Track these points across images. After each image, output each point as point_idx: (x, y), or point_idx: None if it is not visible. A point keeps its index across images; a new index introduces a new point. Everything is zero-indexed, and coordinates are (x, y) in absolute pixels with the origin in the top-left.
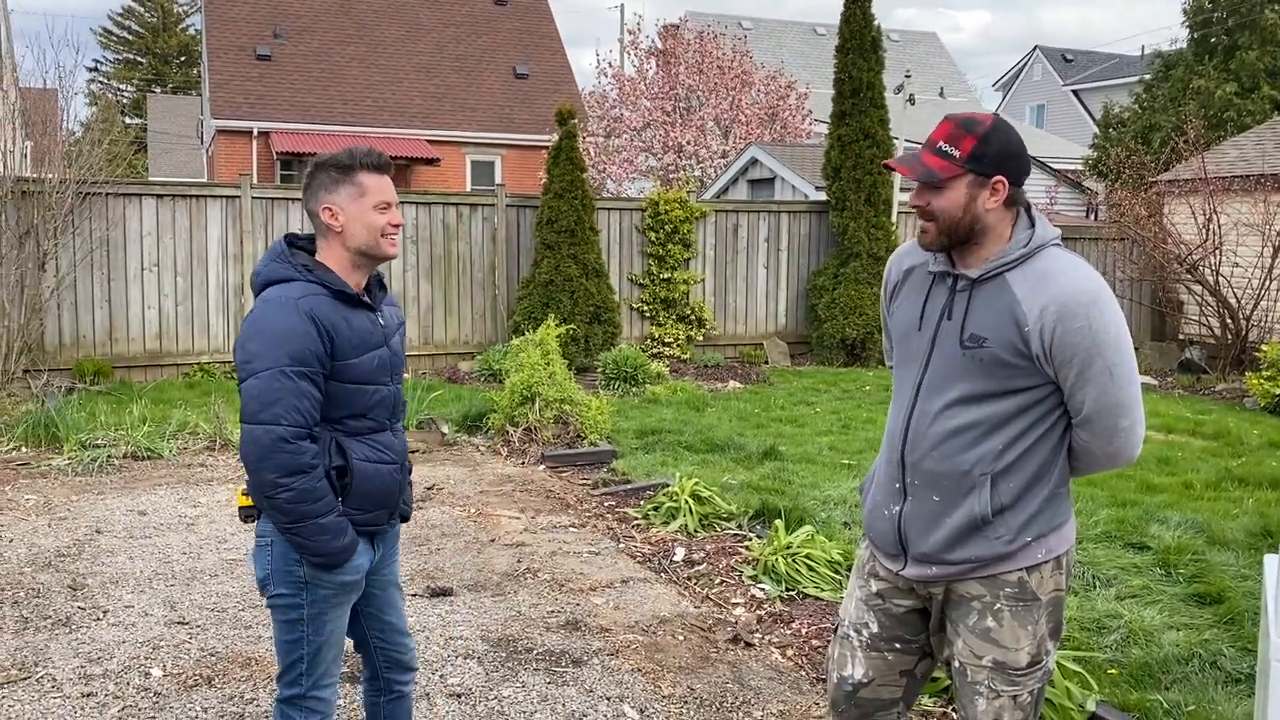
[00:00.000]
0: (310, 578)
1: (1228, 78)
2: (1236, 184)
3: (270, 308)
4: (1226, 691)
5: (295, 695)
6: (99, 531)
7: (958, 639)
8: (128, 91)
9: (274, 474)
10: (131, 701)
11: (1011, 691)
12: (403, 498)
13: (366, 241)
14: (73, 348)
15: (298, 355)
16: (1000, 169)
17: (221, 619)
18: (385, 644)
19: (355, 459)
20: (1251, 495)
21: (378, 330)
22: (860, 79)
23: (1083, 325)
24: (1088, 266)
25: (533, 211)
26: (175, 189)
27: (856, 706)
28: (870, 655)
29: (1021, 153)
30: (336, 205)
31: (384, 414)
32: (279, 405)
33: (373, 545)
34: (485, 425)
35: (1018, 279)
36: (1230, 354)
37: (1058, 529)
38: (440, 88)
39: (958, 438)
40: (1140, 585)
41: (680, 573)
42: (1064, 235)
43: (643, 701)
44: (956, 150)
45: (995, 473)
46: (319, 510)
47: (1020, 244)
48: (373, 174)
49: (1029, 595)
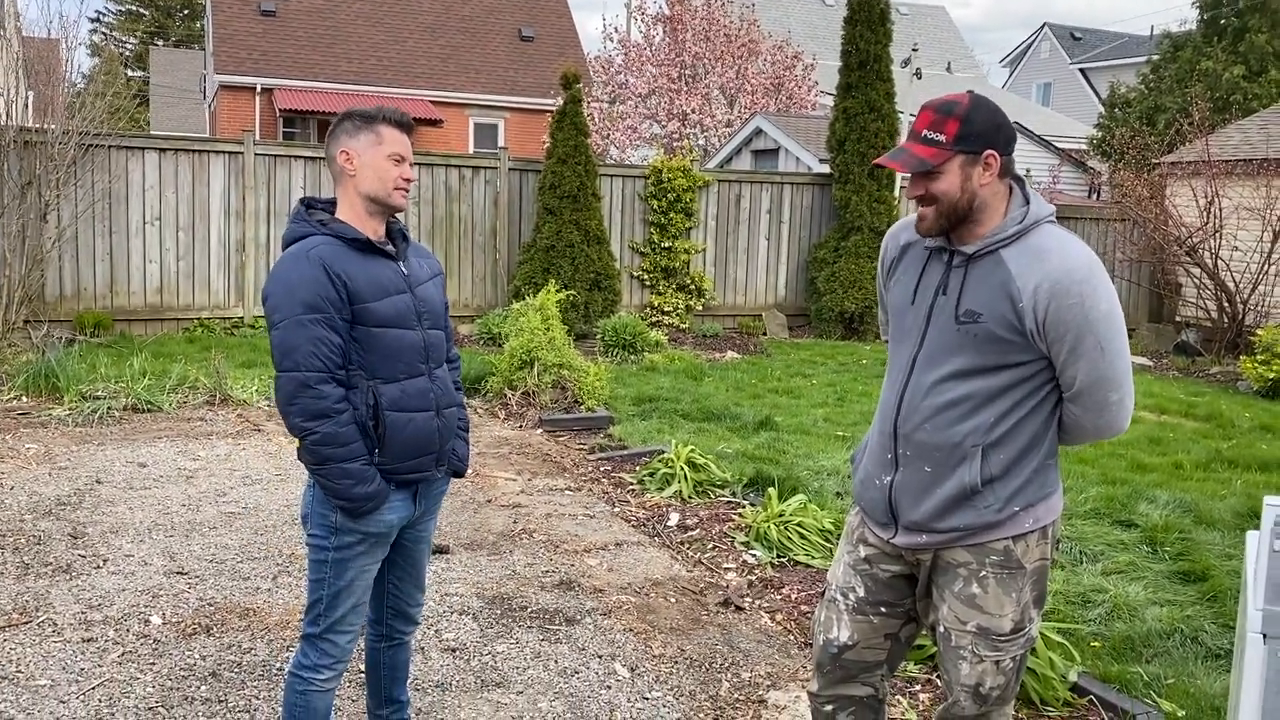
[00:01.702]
0: (340, 524)
1: (1236, 60)
2: (1239, 168)
3: (284, 261)
4: (1206, 666)
5: (313, 634)
6: (99, 481)
7: (943, 604)
8: (130, 44)
9: (299, 418)
10: (131, 647)
11: (994, 656)
12: (447, 445)
13: (376, 189)
14: (73, 299)
15: (311, 303)
16: (989, 143)
17: (220, 570)
18: (399, 593)
19: (385, 408)
20: (1240, 477)
21: (399, 277)
22: (868, 51)
23: (1075, 302)
24: (1081, 243)
25: (535, 176)
26: (178, 143)
27: (841, 668)
28: (856, 618)
29: (1004, 122)
30: (353, 150)
31: (416, 359)
32: (298, 353)
33: (415, 500)
34: (484, 388)
35: (1013, 255)
36: (1226, 337)
37: (1045, 499)
38: (445, 48)
39: (951, 410)
40: (1126, 561)
41: (674, 537)
42: (1066, 215)
43: (634, 660)
44: (942, 135)
45: (987, 444)
46: (342, 455)
47: (1015, 220)
48: (393, 128)
49: (1014, 563)
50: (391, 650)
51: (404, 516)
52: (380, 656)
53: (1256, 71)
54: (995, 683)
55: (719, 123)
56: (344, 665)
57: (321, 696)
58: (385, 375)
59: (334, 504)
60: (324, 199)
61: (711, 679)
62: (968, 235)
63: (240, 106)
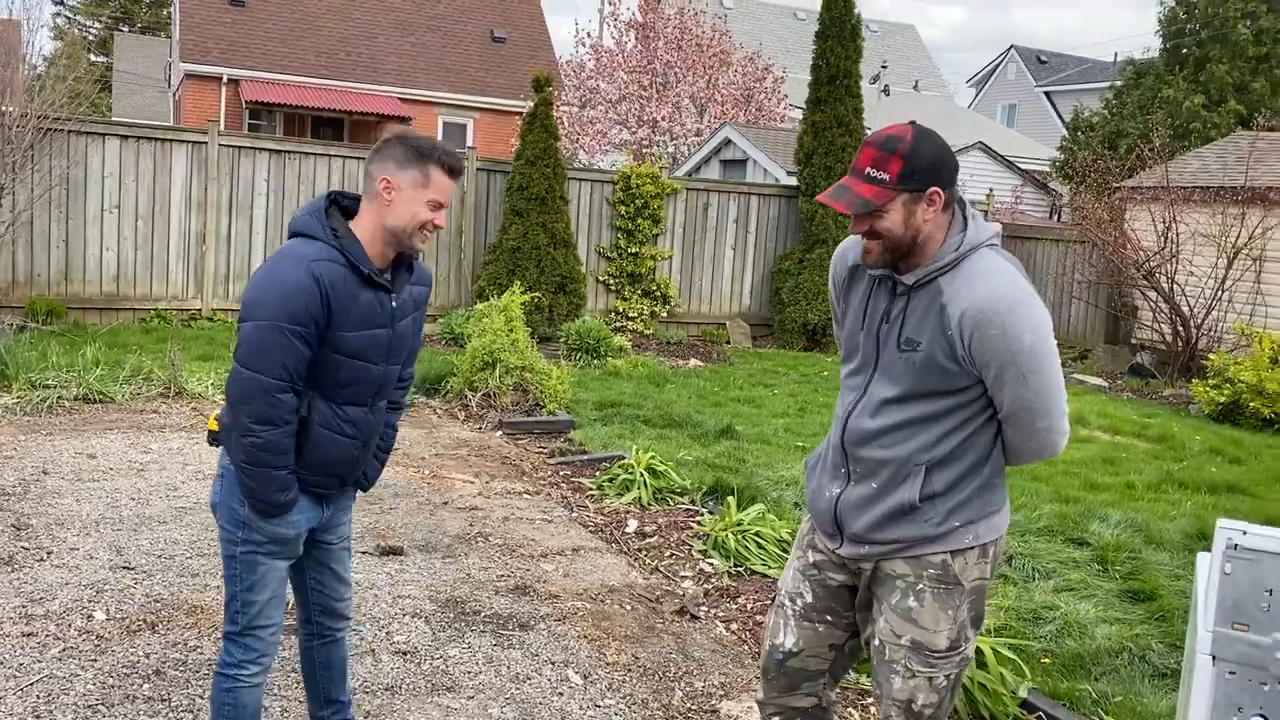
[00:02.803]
0: (248, 519)
1: (1196, 89)
2: (1197, 195)
3: (285, 261)
4: (1153, 685)
5: (234, 631)
6: (45, 472)
7: (880, 617)
8: (94, 29)
9: (250, 419)
10: (73, 643)
11: (928, 673)
12: (360, 471)
13: (404, 227)
14: (26, 286)
15: (297, 315)
16: (932, 180)
17: (169, 566)
18: (322, 589)
19: (316, 422)
20: (1190, 498)
21: (385, 312)
22: (838, 66)
23: (997, 333)
24: (1011, 271)
25: (503, 177)
26: (140, 130)
27: (785, 675)
28: (802, 625)
29: (948, 158)
30: (396, 182)
31: (365, 392)
32: (268, 358)
33: (321, 505)
34: (444, 388)
35: (949, 283)
36: (1180, 361)
37: (988, 517)
38: (415, 46)
39: (898, 431)
40: (1078, 579)
41: (631, 544)
42: (1027, 235)
43: (587, 667)
44: (885, 173)
45: (932, 462)
46: (277, 463)
47: (952, 248)
48: (444, 173)
49: (952, 579)
50: (326, 648)
51: (313, 519)
52: (315, 655)
53: (1216, 101)
54: (928, 700)
55: (688, 131)
56: (269, 659)
57: (250, 692)
58: (327, 395)
59: (244, 500)
60: (351, 194)
61: (665, 688)
62: (910, 265)
63: (205, 96)
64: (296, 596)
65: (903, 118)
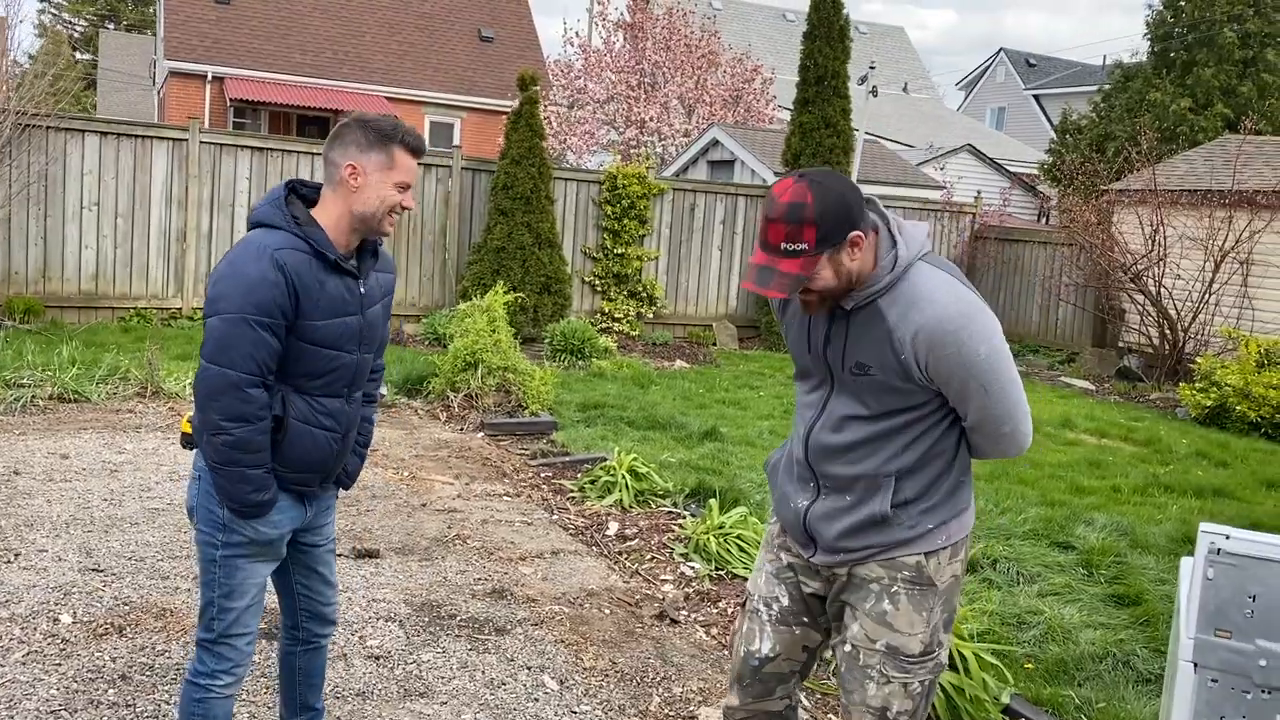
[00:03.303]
0: (227, 521)
1: (1183, 93)
2: (1184, 198)
3: (247, 251)
4: (1137, 690)
5: (208, 639)
6: (16, 473)
7: (854, 622)
8: (79, 26)
9: (219, 415)
10: (37, 647)
11: (903, 679)
12: (340, 466)
13: (373, 212)
14: (4, 284)
15: (263, 305)
16: (849, 226)
17: (139, 568)
18: (309, 594)
19: (292, 417)
20: (1176, 502)
21: (354, 299)
22: (825, 67)
23: (952, 351)
24: (953, 284)
25: (488, 176)
26: (120, 127)
27: (761, 682)
28: (779, 629)
29: (852, 195)
30: (362, 167)
31: (340, 382)
32: (235, 351)
33: (304, 504)
34: (426, 389)
35: (889, 304)
36: (1167, 364)
37: (958, 516)
38: (403, 45)
39: (864, 446)
40: (1062, 583)
41: (612, 547)
42: (1015, 238)
43: (563, 673)
44: (801, 244)
45: (901, 471)
46: (249, 461)
47: (886, 269)
48: (408, 154)
49: (925, 580)
50: (308, 654)
51: (295, 519)
52: (295, 661)
53: (1203, 105)
54: (903, 707)
55: (676, 132)
56: (243, 670)
57: (221, 704)
58: (300, 388)
59: (225, 504)
60: (311, 184)
61: (642, 693)
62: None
63: (190, 94)
64: (282, 603)
65: (893, 119)
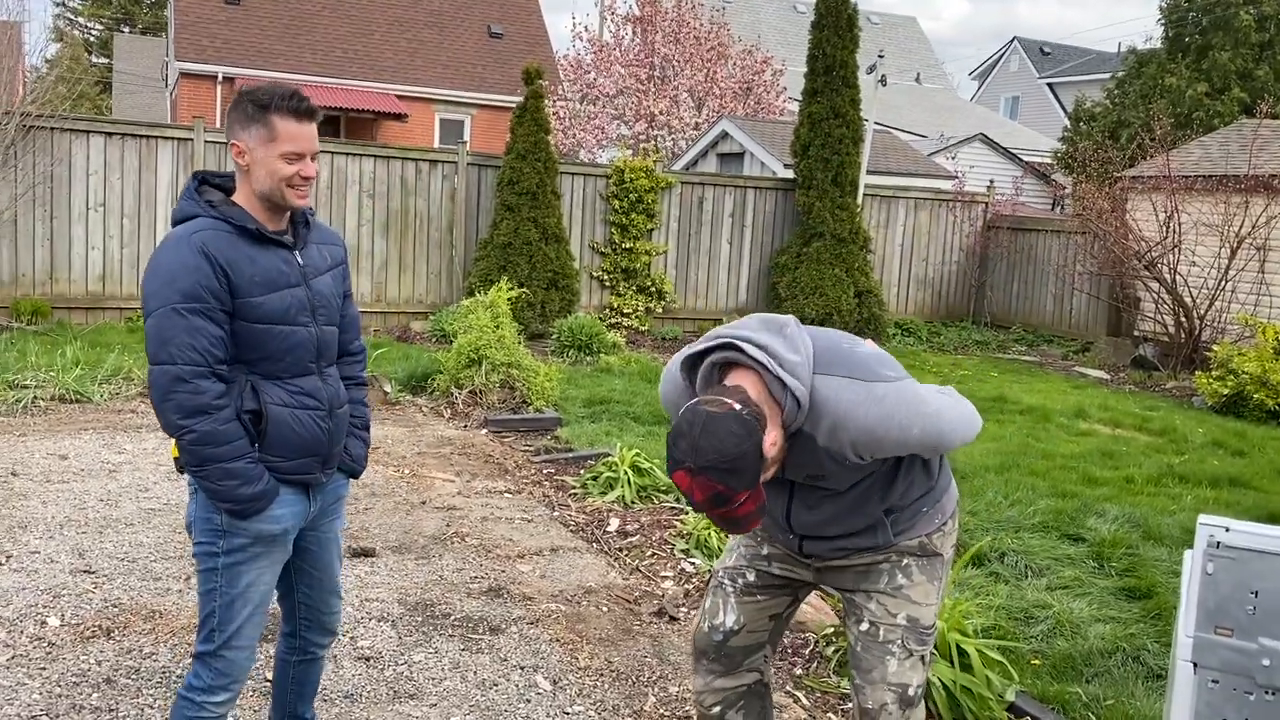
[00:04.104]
0: (227, 525)
1: (1199, 77)
2: (1199, 184)
3: (165, 245)
4: (1147, 687)
5: (206, 651)
6: (14, 474)
7: (870, 602)
8: (96, 30)
9: (175, 414)
10: (23, 651)
11: (921, 651)
12: (337, 447)
13: (270, 188)
14: (11, 286)
15: (189, 292)
16: (757, 469)
17: (131, 569)
18: (311, 601)
19: (270, 403)
20: (1191, 493)
21: (293, 269)
22: (834, 56)
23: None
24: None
25: (494, 171)
26: (125, 127)
27: (726, 656)
28: (743, 600)
29: (746, 445)
30: (244, 144)
31: (305, 356)
32: (173, 344)
33: (308, 497)
34: (430, 386)
35: (813, 428)
36: (1183, 353)
37: (945, 491)
38: (412, 42)
39: (845, 513)
40: (1072, 577)
41: (612, 544)
42: (1028, 227)
43: (557, 672)
44: (741, 500)
45: (890, 505)
46: (225, 454)
47: (793, 413)
48: (289, 119)
49: (931, 551)
50: (303, 665)
51: (299, 514)
52: (290, 670)
53: (1219, 89)
54: (919, 682)
55: (687, 125)
56: (240, 685)
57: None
58: (268, 373)
59: (221, 507)
60: (222, 174)
61: (638, 693)
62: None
63: (201, 95)
64: (283, 609)
65: (905, 110)
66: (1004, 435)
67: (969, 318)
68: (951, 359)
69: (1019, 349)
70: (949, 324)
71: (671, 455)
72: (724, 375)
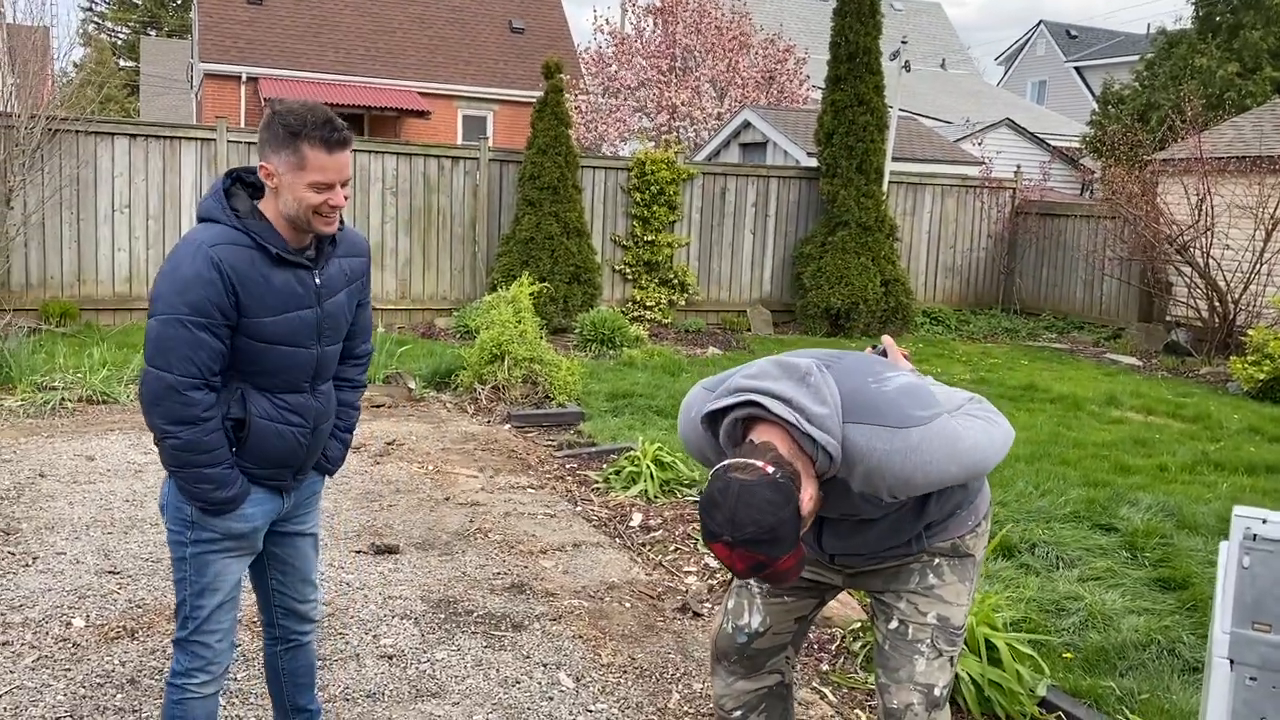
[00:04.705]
0: (196, 518)
1: (1230, 57)
2: (1232, 165)
3: (184, 249)
4: (1183, 680)
5: (182, 638)
6: (42, 475)
7: (900, 601)
8: (123, 33)
9: (162, 420)
10: (48, 652)
11: (951, 651)
12: (313, 459)
13: (296, 213)
14: (39, 288)
15: (198, 305)
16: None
17: (155, 569)
18: (284, 590)
19: (255, 415)
20: (1226, 480)
21: (308, 291)
22: (857, 43)
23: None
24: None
25: (516, 166)
26: (149, 129)
27: (748, 658)
28: (770, 601)
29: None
30: (273, 166)
31: (302, 376)
32: (172, 354)
33: (280, 496)
34: (454, 382)
35: (847, 474)
36: (1217, 337)
37: (979, 491)
38: (434, 39)
39: (883, 535)
40: (1105, 567)
41: (635, 538)
42: (1057, 212)
43: (580, 669)
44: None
45: (925, 523)
46: (204, 461)
47: (825, 465)
48: (320, 149)
49: (964, 552)
50: (290, 653)
51: (269, 512)
52: (277, 662)
53: (1250, 69)
54: (945, 681)
55: (709, 115)
56: (220, 668)
57: (200, 704)
58: (260, 385)
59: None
60: (255, 171)
61: (661, 690)
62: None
63: (225, 95)
64: (258, 599)
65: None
66: (1034, 424)
67: (998, 305)
68: (981, 347)
69: (1049, 336)
70: (978, 312)
71: (707, 527)
72: (748, 430)
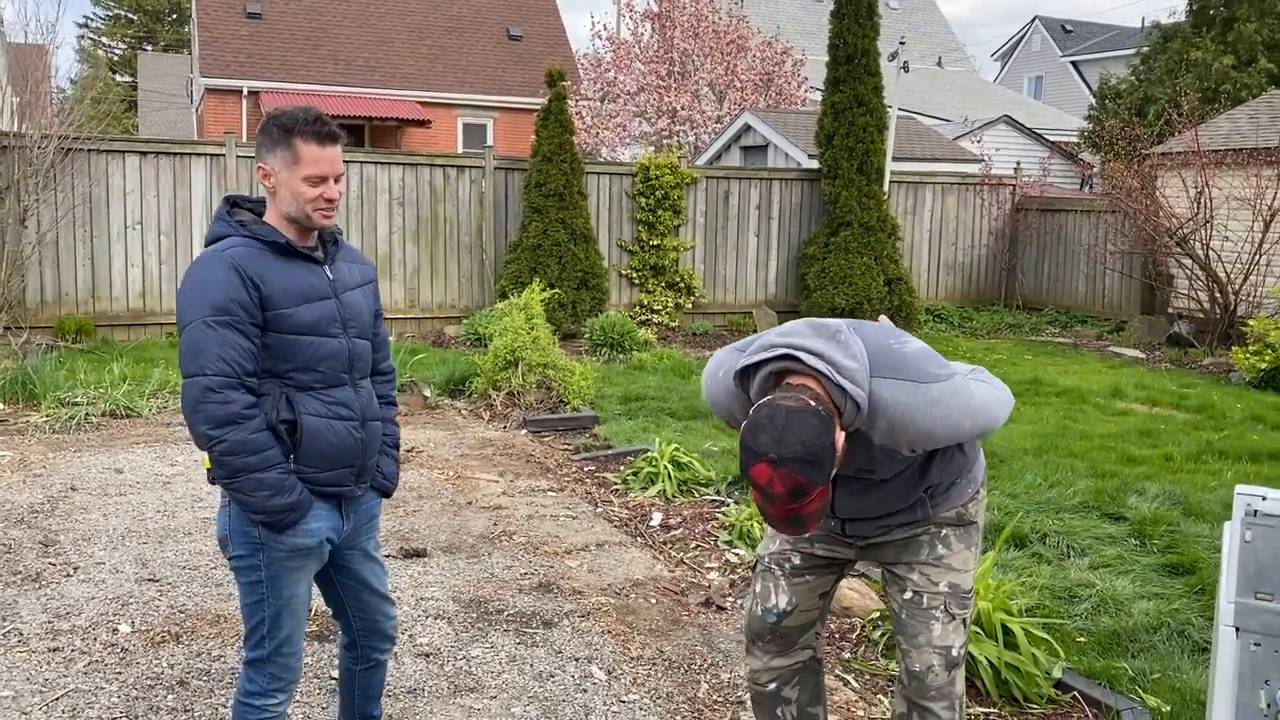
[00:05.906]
0: (265, 538)
1: (1225, 50)
2: (1229, 158)
3: (197, 264)
4: (1192, 660)
5: (258, 658)
6: (74, 488)
7: (912, 573)
8: (118, 49)
9: (204, 425)
10: (98, 657)
11: (963, 615)
12: (370, 459)
13: (295, 210)
14: (55, 305)
15: (219, 305)
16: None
17: (193, 577)
18: (364, 612)
19: (304, 413)
20: (1231, 468)
21: (322, 283)
22: (855, 45)
23: (949, 437)
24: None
25: (521, 174)
26: (159, 145)
27: (781, 637)
28: (794, 582)
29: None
30: (270, 167)
31: (338, 367)
32: (203, 356)
33: (341, 514)
34: (468, 389)
35: (870, 428)
36: (1218, 328)
37: (975, 460)
38: (432, 49)
39: (891, 497)
40: (1114, 555)
41: (656, 537)
42: (1057, 207)
43: (611, 663)
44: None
45: (928, 487)
46: (256, 464)
47: (852, 416)
48: (311, 143)
49: (968, 520)
50: (368, 672)
51: (333, 528)
52: (355, 678)
53: (1246, 61)
54: (961, 642)
55: (709, 119)
56: (295, 685)
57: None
58: (302, 384)
59: (256, 520)
60: (252, 198)
61: (690, 680)
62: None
63: (226, 110)
64: (340, 624)
65: (927, 94)
66: (1041, 418)
67: (1000, 301)
68: (985, 343)
69: (1052, 331)
70: (981, 308)
71: (750, 449)
72: (780, 382)
